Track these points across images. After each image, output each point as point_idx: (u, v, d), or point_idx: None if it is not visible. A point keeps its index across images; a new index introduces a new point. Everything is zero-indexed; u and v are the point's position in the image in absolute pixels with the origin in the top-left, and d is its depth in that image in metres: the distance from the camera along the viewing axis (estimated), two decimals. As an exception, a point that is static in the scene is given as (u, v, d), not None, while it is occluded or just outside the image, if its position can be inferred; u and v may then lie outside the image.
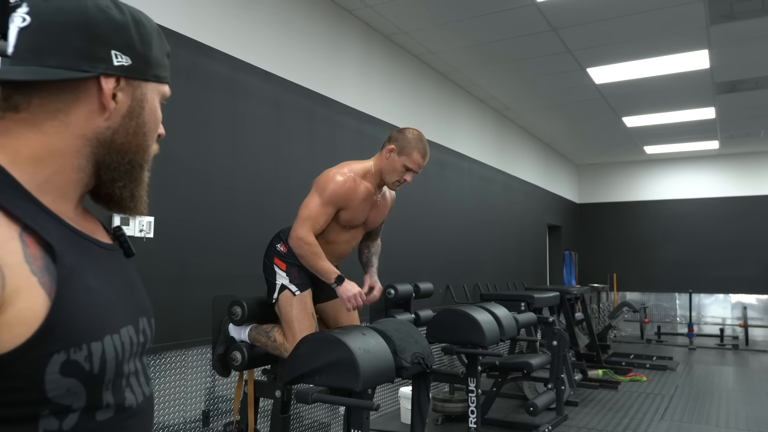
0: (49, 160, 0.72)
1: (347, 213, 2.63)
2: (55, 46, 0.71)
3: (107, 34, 0.74)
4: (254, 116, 3.52)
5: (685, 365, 7.25)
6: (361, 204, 2.65)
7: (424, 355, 2.53)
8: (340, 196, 2.57)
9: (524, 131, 8.28)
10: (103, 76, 0.73)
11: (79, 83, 0.73)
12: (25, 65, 0.71)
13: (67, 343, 0.63)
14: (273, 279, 2.65)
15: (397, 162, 2.64)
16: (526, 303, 5.13)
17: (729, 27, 4.73)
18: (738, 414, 4.86)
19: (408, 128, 2.72)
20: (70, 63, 0.71)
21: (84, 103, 0.74)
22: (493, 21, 4.64)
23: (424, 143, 2.68)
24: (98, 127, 0.75)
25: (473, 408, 3.57)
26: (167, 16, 3.01)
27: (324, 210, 2.57)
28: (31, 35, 0.71)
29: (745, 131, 8.28)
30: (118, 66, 0.74)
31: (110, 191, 0.79)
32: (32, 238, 0.64)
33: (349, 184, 2.59)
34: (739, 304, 9.70)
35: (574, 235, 10.59)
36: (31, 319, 0.61)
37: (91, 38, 0.72)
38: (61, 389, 0.64)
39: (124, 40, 0.75)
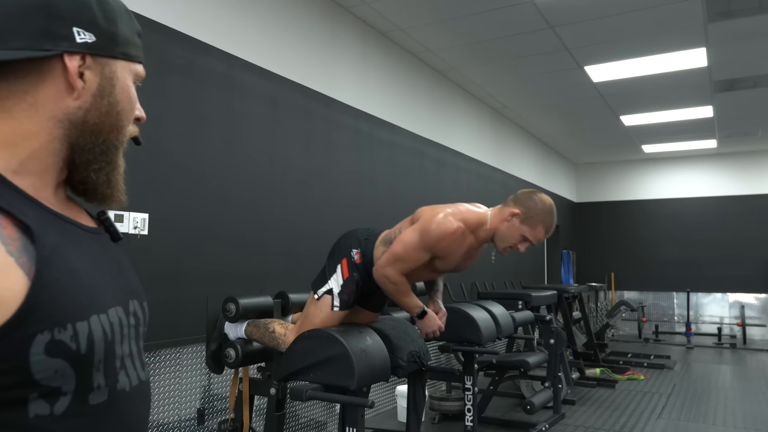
0: (21, 145, 0.70)
1: (442, 263, 2.42)
2: (15, 27, 0.69)
3: (67, 11, 0.71)
4: (250, 114, 3.51)
5: (683, 364, 7.25)
6: (459, 257, 2.43)
7: (420, 353, 2.52)
8: (444, 246, 2.34)
9: (522, 130, 8.27)
10: (67, 54, 0.71)
11: (43, 63, 0.71)
12: None
13: (50, 323, 0.62)
14: (328, 276, 2.48)
15: (517, 230, 2.40)
16: (524, 301, 5.12)
17: (727, 25, 4.72)
18: (735, 412, 4.86)
19: (539, 194, 2.44)
20: (32, 43, 0.69)
21: (50, 83, 0.72)
22: (490, 19, 4.62)
23: (554, 217, 2.43)
24: (68, 107, 0.73)
25: (470, 406, 3.57)
26: (162, 12, 2.99)
27: (420, 255, 2.36)
28: None
29: (743, 130, 8.28)
30: (81, 43, 0.72)
31: (85, 176, 0.77)
32: (8, 219, 0.63)
33: (458, 236, 2.35)
34: (736, 303, 9.71)
35: (572, 234, 10.59)
36: (9, 300, 0.60)
37: (52, 16, 0.70)
38: (49, 371, 0.62)
39: (86, 16, 0.73)
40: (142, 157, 2.75)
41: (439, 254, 2.38)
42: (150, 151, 2.82)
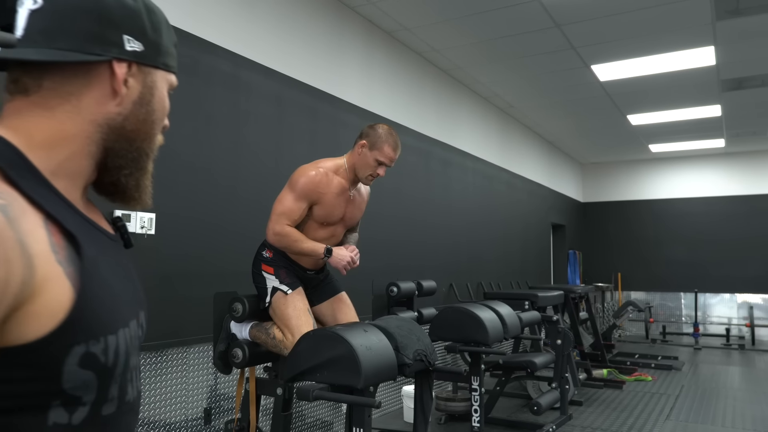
0: (61, 146, 0.71)
1: (321, 208, 2.66)
2: (66, 28, 0.70)
3: (120, 18, 0.73)
4: (256, 113, 3.51)
5: (691, 365, 7.21)
6: (335, 199, 2.67)
7: (426, 352, 2.51)
8: (311, 190, 2.61)
9: (528, 129, 8.25)
10: (116, 61, 0.73)
11: (91, 67, 0.72)
12: (35, 47, 0.69)
13: (87, 336, 0.63)
14: (263, 285, 2.68)
15: (369, 157, 2.67)
16: (530, 302, 5.10)
17: (735, 23, 4.69)
18: (744, 414, 4.82)
19: (378, 123, 2.75)
20: (83, 46, 0.70)
21: (96, 87, 0.73)
22: (496, 18, 4.61)
23: (395, 137, 2.72)
24: (109, 112, 0.74)
25: (476, 407, 3.55)
26: (169, 11, 2.99)
27: (297, 204, 2.61)
28: (43, 17, 0.70)
29: (751, 129, 8.22)
30: (130, 51, 0.74)
31: (115, 179, 0.78)
32: (56, 227, 0.64)
33: (320, 178, 2.62)
34: (745, 304, 9.64)
35: (578, 234, 10.55)
36: (57, 310, 0.60)
37: (104, 22, 0.72)
38: (77, 381, 0.63)
39: (136, 25, 0.74)
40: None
41: (314, 199, 2.62)
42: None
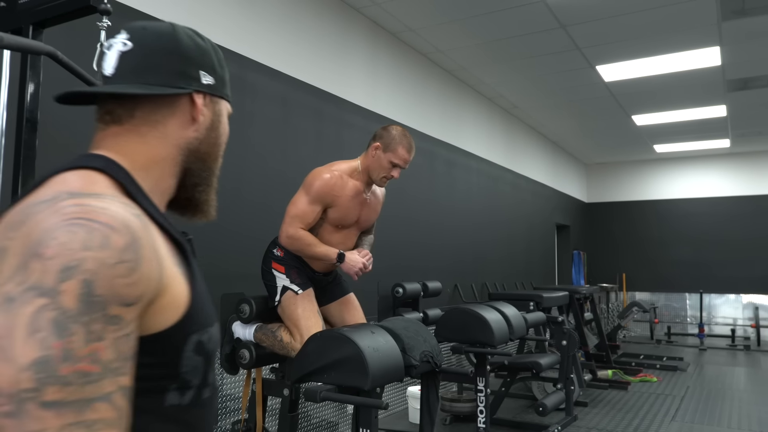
0: (154, 168, 0.83)
1: (336, 211, 2.64)
2: (154, 66, 0.83)
3: (196, 57, 0.86)
4: (261, 114, 3.52)
5: (696, 366, 7.19)
6: (349, 202, 2.65)
7: (433, 353, 2.52)
8: (326, 193, 2.59)
9: (532, 130, 8.24)
10: (195, 93, 0.85)
11: (175, 98, 0.84)
12: (128, 83, 0.81)
13: (198, 327, 0.74)
14: (273, 283, 2.67)
15: (383, 159, 2.65)
16: (535, 302, 5.10)
17: (741, 23, 4.68)
18: (750, 415, 4.81)
19: (392, 125, 2.73)
20: (169, 81, 0.83)
21: (178, 115, 0.85)
22: (501, 18, 4.61)
23: (409, 138, 2.70)
24: (189, 137, 0.86)
25: (482, 408, 3.55)
26: (174, 14, 3.00)
27: (311, 208, 2.59)
28: (133, 58, 0.83)
29: (757, 129, 8.20)
30: (205, 84, 0.87)
31: (190, 195, 0.91)
32: (167, 237, 0.76)
33: (335, 181, 2.60)
34: (750, 305, 9.62)
35: (582, 235, 10.53)
36: (179, 305, 0.72)
37: (184, 60, 0.85)
38: (191, 366, 0.74)
39: (208, 62, 0.88)
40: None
41: (329, 202, 2.60)
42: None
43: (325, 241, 2.67)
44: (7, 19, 1.76)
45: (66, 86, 2.68)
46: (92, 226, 0.63)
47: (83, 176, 0.73)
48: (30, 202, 0.67)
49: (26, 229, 0.64)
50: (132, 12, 2.78)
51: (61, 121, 2.44)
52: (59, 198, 0.66)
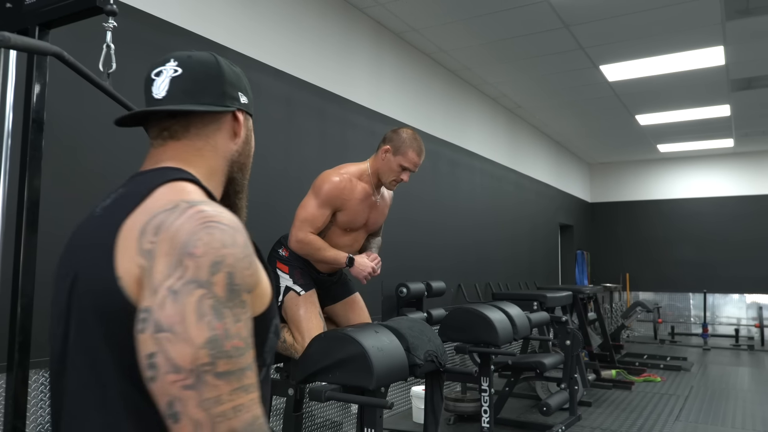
0: (213, 178, 0.97)
1: (345, 215, 2.63)
2: (203, 88, 0.95)
3: (234, 80, 0.99)
4: (265, 115, 3.53)
5: (700, 366, 7.18)
6: (358, 205, 2.65)
7: (437, 353, 2.52)
8: (335, 196, 2.58)
9: (536, 130, 8.24)
10: (237, 111, 0.99)
11: (221, 115, 0.97)
12: (181, 104, 0.92)
13: (274, 314, 0.88)
14: (276, 282, 2.67)
15: (393, 162, 2.64)
16: (539, 302, 5.10)
17: (745, 23, 4.67)
18: (754, 415, 4.80)
19: (402, 128, 2.72)
20: (216, 101, 0.95)
21: (224, 130, 0.98)
22: (504, 18, 4.61)
23: (419, 142, 2.69)
24: (232, 150, 0.99)
25: (486, 407, 3.55)
26: (178, 13, 3.01)
27: (321, 211, 2.59)
28: (183, 82, 0.94)
29: (761, 129, 8.18)
30: (244, 103, 1.00)
31: (232, 202, 1.03)
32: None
33: (345, 184, 2.59)
34: (754, 305, 9.59)
35: (586, 235, 10.52)
36: (267, 292, 0.85)
37: (227, 83, 0.97)
38: (270, 346, 0.88)
39: (242, 85, 1.01)
40: (160, 158, 2.77)
41: (338, 205, 2.60)
42: (168, 152, 2.84)
43: (333, 244, 2.67)
44: (13, 20, 1.77)
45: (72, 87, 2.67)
46: (222, 228, 0.76)
47: (184, 187, 0.85)
48: (152, 211, 0.78)
49: (167, 233, 0.75)
50: (137, 13, 2.78)
51: (67, 121, 2.45)
52: (180, 206, 0.78)
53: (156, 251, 0.74)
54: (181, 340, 0.69)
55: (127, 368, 0.75)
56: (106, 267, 0.76)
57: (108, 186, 2.56)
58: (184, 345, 0.69)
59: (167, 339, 0.70)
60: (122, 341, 0.75)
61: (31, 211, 1.68)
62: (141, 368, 0.72)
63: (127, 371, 0.75)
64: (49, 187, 2.27)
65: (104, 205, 0.87)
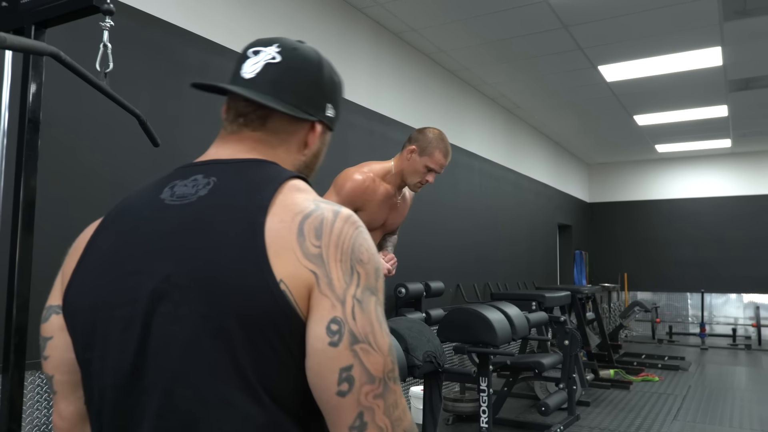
0: None
1: (365, 215, 2.56)
2: (293, 86, 0.87)
3: (329, 90, 0.92)
4: (264, 114, 3.51)
5: (698, 365, 7.19)
6: (379, 205, 2.58)
7: (436, 353, 2.51)
8: (358, 195, 2.50)
9: (535, 130, 8.23)
10: (317, 122, 0.91)
11: (300, 122, 0.89)
12: (262, 93, 0.85)
13: None
14: None
15: (419, 163, 2.56)
16: (537, 302, 5.10)
17: (743, 23, 4.67)
18: (752, 414, 4.81)
19: (428, 128, 2.64)
20: (301, 104, 0.88)
21: (297, 137, 0.90)
22: (503, 18, 4.60)
23: (446, 143, 2.60)
24: (299, 159, 0.92)
25: (485, 407, 3.55)
26: (177, 14, 3.00)
27: None
28: (276, 71, 0.87)
29: (758, 129, 8.19)
30: (328, 116, 0.92)
31: None
32: None
33: (368, 183, 2.51)
34: (751, 304, 9.61)
35: (584, 235, 10.53)
36: None
37: (319, 91, 0.90)
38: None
39: (335, 97, 0.94)
40: (158, 158, 2.77)
41: (359, 205, 2.52)
42: (166, 153, 2.83)
43: None
44: (8, 19, 1.76)
45: (70, 86, 2.67)
46: (366, 232, 0.78)
47: (306, 186, 0.83)
48: (295, 210, 0.75)
49: (330, 238, 0.74)
50: (135, 12, 2.77)
51: (63, 121, 2.44)
52: (322, 207, 0.77)
53: (326, 256, 0.72)
54: (374, 350, 0.70)
55: (274, 375, 0.70)
56: (258, 268, 0.69)
57: (106, 185, 2.56)
58: (378, 355, 0.70)
59: (364, 350, 0.69)
60: (272, 348, 0.69)
61: (26, 211, 1.67)
62: (320, 382, 0.69)
63: (272, 380, 0.70)
64: (46, 186, 2.27)
65: (197, 193, 0.78)
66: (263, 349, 0.69)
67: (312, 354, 0.69)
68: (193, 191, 0.78)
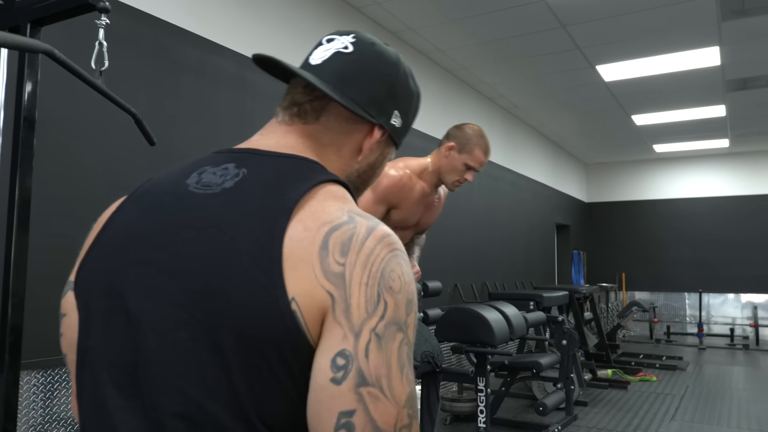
0: None
1: (400, 213, 2.43)
2: (360, 81, 0.79)
3: (401, 96, 0.84)
4: (262, 113, 3.51)
5: (696, 365, 7.19)
6: (415, 204, 2.45)
7: (433, 353, 2.51)
8: (395, 193, 2.36)
9: (532, 130, 8.23)
10: (378, 127, 0.81)
11: (358, 123, 0.80)
12: (325, 82, 0.77)
13: None
14: None
15: (458, 160, 2.43)
16: (535, 302, 5.10)
17: (740, 23, 4.67)
18: (749, 414, 4.81)
19: (467, 124, 2.50)
20: (364, 103, 0.79)
21: (352, 141, 0.81)
22: (501, 18, 4.60)
23: (486, 139, 2.48)
24: (351, 166, 0.82)
25: (482, 407, 3.54)
26: (174, 13, 2.99)
27: (375, 208, 2.35)
28: (345, 63, 0.79)
29: (756, 129, 8.20)
30: (392, 124, 0.83)
31: None
32: None
33: (405, 180, 2.38)
34: (749, 304, 9.62)
35: (582, 235, 10.53)
36: None
37: (390, 94, 0.82)
38: None
39: (406, 106, 0.86)
40: (155, 157, 2.76)
41: (395, 203, 2.39)
42: (162, 151, 2.82)
43: None
44: (4, 18, 1.75)
45: (66, 85, 2.65)
46: (404, 257, 0.67)
47: (345, 194, 0.73)
48: (323, 219, 0.66)
49: (359, 257, 0.64)
50: (131, 11, 2.76)
51: (59, 120, 2.43)
52: (357, 221, 0.67)
53: (349, 278, 0.62)
54: (386, 398, 0.59)
55: (270, 404, 0.62)
56: (270, 281, 0.61)
57: (102, 184, 2.55)
58: (389, 404, 0.59)
59: (372, 396, 0.59)
60: (273, 373, 0.61)
61: (22, 210, 1.66)
62: (315, 425, 0.60)
63: (265, 409, 0.62)
64: (41, 186, 2.25)
65: (222, 184, 0.71)
66: (263, 374, 0.61)
67: (312, 389, 0.60)
68: (219, 181, 0.71)
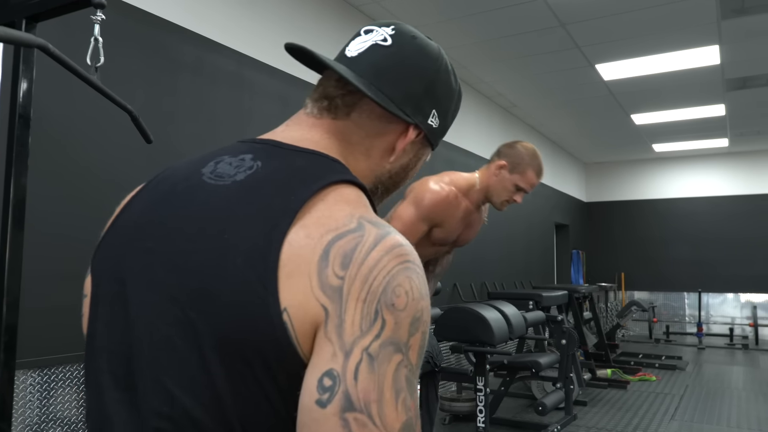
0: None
1: (441, 231, 2.30)
2: (397, 78, 0.74)
3: (440, 95, 0.78)
4: (260, 112, 3.49)
5: (695, 365, 7.19)
6: (458, 223, 2.33)
7: (432, 353, 2.50)
8: (439, 211, 2.23)
9: (531, 129, 8.22)
10: (413, 126, 0.76)
11: (392, 122, 0.75)
12: (359, 76, 0.73)
13: None
14: None
15: (508, 181, 2.30)
16: (535, 302, 5.09)
17: (740, 22, 4.67)
18: (749, 414, 4.80)
19: (519, 142, 2.38)
20: (399, 101, 0.74)
21: (384, 139, 0.76)
22: (500, 17, 4.59)
23: (539, 160, 2.36)
24: (382, 167, 0.78)
25: (481, 407, 3.53)
26: (173, 11, 2.98)
27: (418, 226, 2.22)
28: (383, 56, 0.74)
29: (755, 129, 8.19)
30: (429, 124, 0.78)
31: None
32: None
33: (451, 199, 2.24)
34: (748, 304, 9.61)
35: (581, 234, 10.52)
36: None
37: (428, 92, 0.76)
38: None
39: (446, 106, 0.80)
40: (152, 155, 2.74)
41: (437, 222, 2.27)
42: (160, 149, 2.80)
43: (416, 250, 2.39)
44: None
45: (62, 82, 2.63)
46: (417, 270, 0.61)
47: (359, 197, 0.67)
48: (328, 225, 0.60)
49: (360, 269, 0.58)
50: (129, 8, 2.75)
51: (55, 117, 2.41)
52: (366, 228, 0.61)
53: (347, 292, 0.57)
54: (375, 427, 0.54)
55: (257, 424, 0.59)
56: (263, 288, 0.57)
57: (98, 182, 2.53)
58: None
59: (359, 423, 0.53)
60: (261, 388, 0.58)
61: (17, 209, 1.65)
62: None
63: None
64: (36, 184, 2.24)
65: (234, 176, 0.67)
66: (248, 382, 0.58)
67: (299, 409, 0.56)
68: (233, 172, 0.67)
